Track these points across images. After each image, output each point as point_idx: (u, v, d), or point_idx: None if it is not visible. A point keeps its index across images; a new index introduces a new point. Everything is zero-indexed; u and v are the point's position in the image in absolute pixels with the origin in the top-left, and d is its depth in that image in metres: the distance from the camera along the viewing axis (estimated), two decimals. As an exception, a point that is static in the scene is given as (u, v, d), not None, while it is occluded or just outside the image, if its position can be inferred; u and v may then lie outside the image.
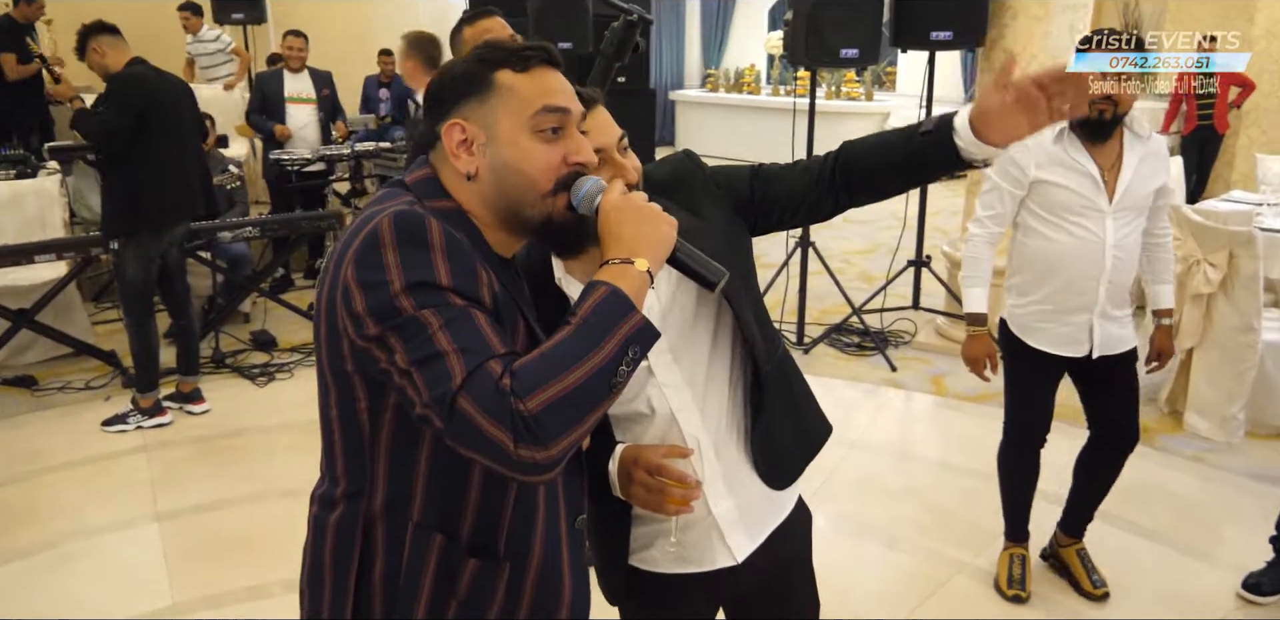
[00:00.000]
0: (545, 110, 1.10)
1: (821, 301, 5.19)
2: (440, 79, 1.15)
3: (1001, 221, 2.54)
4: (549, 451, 0.96)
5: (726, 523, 1.43)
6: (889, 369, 4.44)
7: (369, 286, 1.01)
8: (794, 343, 4.75)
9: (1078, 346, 2.49)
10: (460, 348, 0.98)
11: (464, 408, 0.95)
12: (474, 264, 1.04)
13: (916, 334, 4.83)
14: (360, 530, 1.12)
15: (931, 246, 5.21)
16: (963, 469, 3.47)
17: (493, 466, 0.97)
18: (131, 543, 3.06)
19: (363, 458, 1.11)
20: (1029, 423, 2.64)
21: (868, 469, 3.50)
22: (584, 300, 1.03)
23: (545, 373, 0.97)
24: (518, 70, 1.11)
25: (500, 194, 1.11)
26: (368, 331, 1.01)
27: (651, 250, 1.09)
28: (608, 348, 1.00)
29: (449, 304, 1.00)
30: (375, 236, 1.02)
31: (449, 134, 1.11)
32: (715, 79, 11.23)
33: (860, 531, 3.09)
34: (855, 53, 4.22)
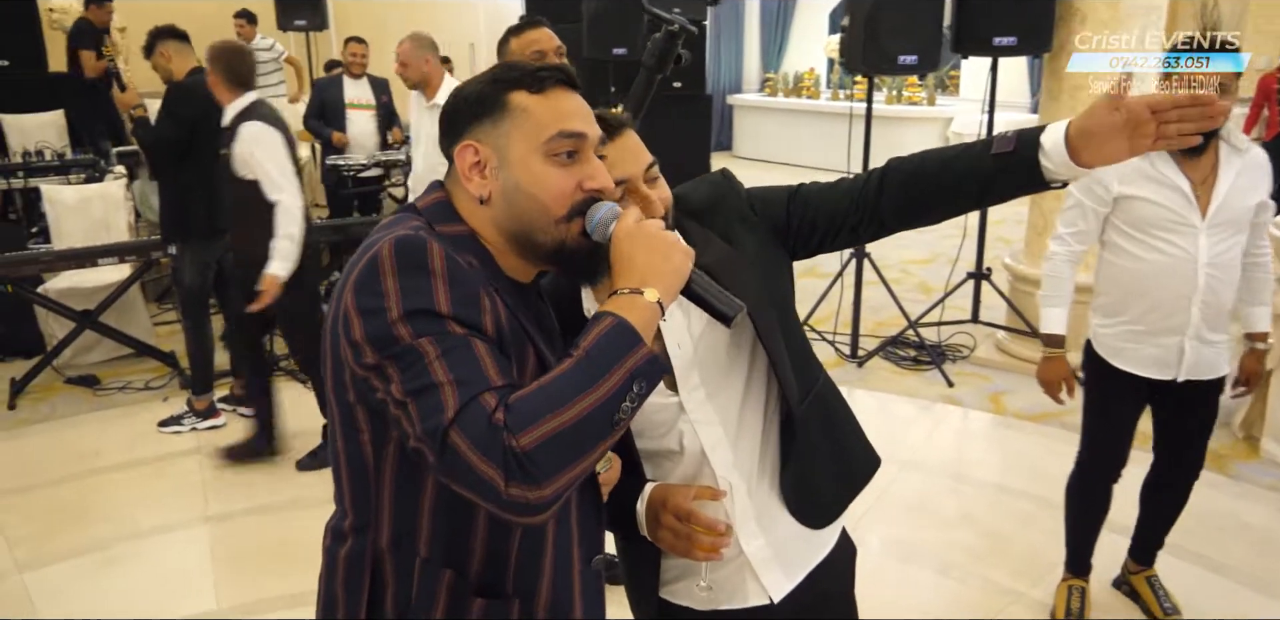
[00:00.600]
0: (560, 135, 1.06)
1: (877, 313, 5.08)
2: (454, 99, 1.11)
3: (1084, 239, 2.43)
4: (541, 491, 0.91)
5: (759, 561, 1.37)
6: (946, 385, 4.31)
7: (367, 313, 0.98)
8: (847, 355, 4.65)
9: (1166, 369, 2.37)
10: (455, 379, 0.94)
11: (455, 442, 0.91)
12: (477, 290, 1.01)
13: (975, 349, 4.69)
14: (369, 565, 1.09)
15: (994, 258, 5.06)
16: (1021, 492, 3.34)
17: (484, 505, 0.93)
18: (180, 545, 3.10)
19: (368, 491, 1.09)
20: (1107, 452, 2.52)
21: (920, 490, 3.39)
22: (588, 331, 0.98)
23: (542, 407, 0.92)
24: (533, 91, 1.08)
25: (513, 218, 1.08)
26: (366, 360, 0.98)
27: (663, 280, 1.04)
28: (611, 382, 0.94)
29: (448, 332, 0.96)
30: (375, 262, 0.99)
31: (461, 156, 1.08)
32: (774, 83, 11.12)
33: (910, 556, 2.99)
34: (914, 59, 4.11)
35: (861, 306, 4.71)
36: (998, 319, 4.79)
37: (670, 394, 1.30)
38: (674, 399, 1.31)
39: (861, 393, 4.28)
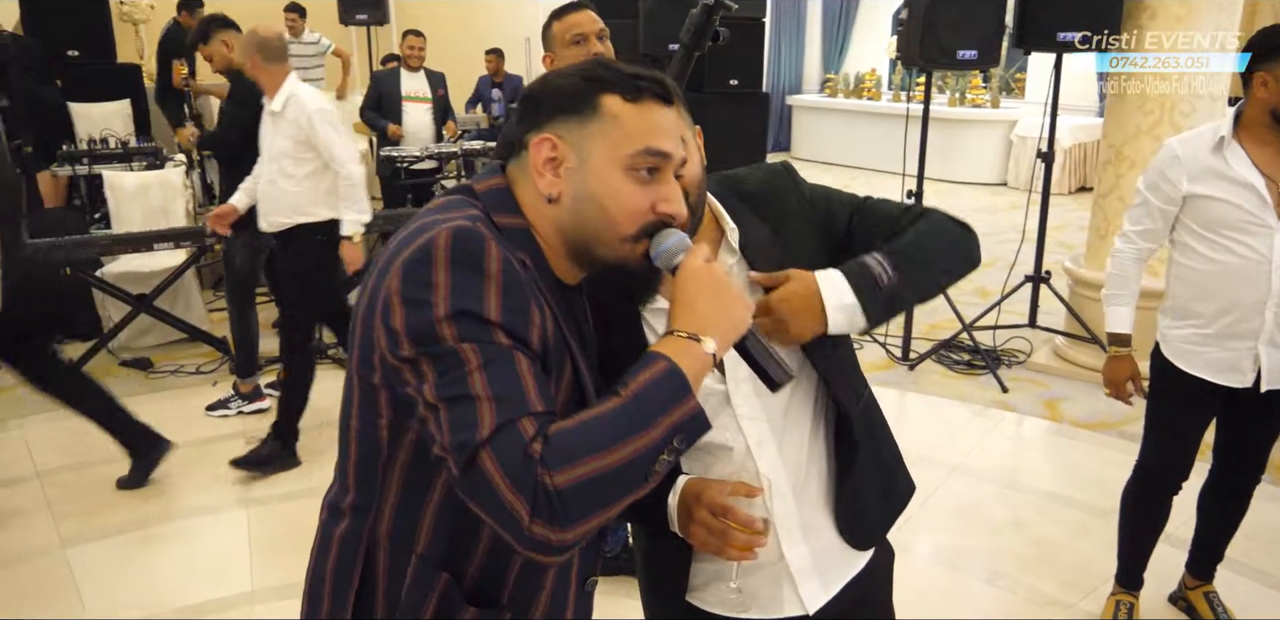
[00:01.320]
0: (647, 151, 1.01)
1: (931, 316, 4.96)
2: (542, 86, 1.06)
3: (1151, 238, 2.32)
4: (564, 534, 0.87)
5: (799, 570, 1.30)
6: (1000, 390, 4.19)
7: (412, 303, 0.93)
8: (898, 358, 4.55)
9: (1239, 375, 2.23)
10: (495, 395, 0.90)
11: (484, 464, 0.87)
12: (529, 301, 0.96)
13: (1032, 354, 4.55)
14: (363, 551, 1.05)
15: (1054, 262, 4.91)
16: (1073, 501, 3.22)
17: (501, 533, 0.89)
18: (219, 527, 3.13)
19: (374, 475, 1.04)
20: (1169, 461, 2.40)
21: (970, 496, 3.29)
22: (639, 371, 0.94)
23: (583, 447, 0.88)
24: (627, 99, 1.02)
25: (577, 225, 1.03)
26: (401, 351, 0.93)
27: (723, 332, 1.00)
28: (654, 432, 0.90)
29: (493, 342, 0.92)
30: (429, 250, 0.94)
31: (538, 148, 1.03)
32: (834, 84, 10.98)
33: (957, 563, 2.89)
34: (973, 54, 3.99)
35: (914, 309, 4.60)
36: (1056, 324, 4.64)
37: (719, 378, 1.25)
38: (722, 387, 1.25)
39: (913, 396, 4.17)
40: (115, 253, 4.42)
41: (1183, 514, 2.75)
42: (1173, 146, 2.23)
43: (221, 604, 2.71)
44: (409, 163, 5.60)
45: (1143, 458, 2.46)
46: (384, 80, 5.85)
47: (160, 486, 3.38)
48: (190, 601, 2.71)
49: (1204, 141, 2.18)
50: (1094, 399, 4.07)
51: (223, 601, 2.72)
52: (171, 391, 4.24)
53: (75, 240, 4.25)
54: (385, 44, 7.54)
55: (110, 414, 3.36)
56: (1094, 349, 4.24)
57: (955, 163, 9.27)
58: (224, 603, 2.72)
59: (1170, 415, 2.38)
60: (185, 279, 4.66)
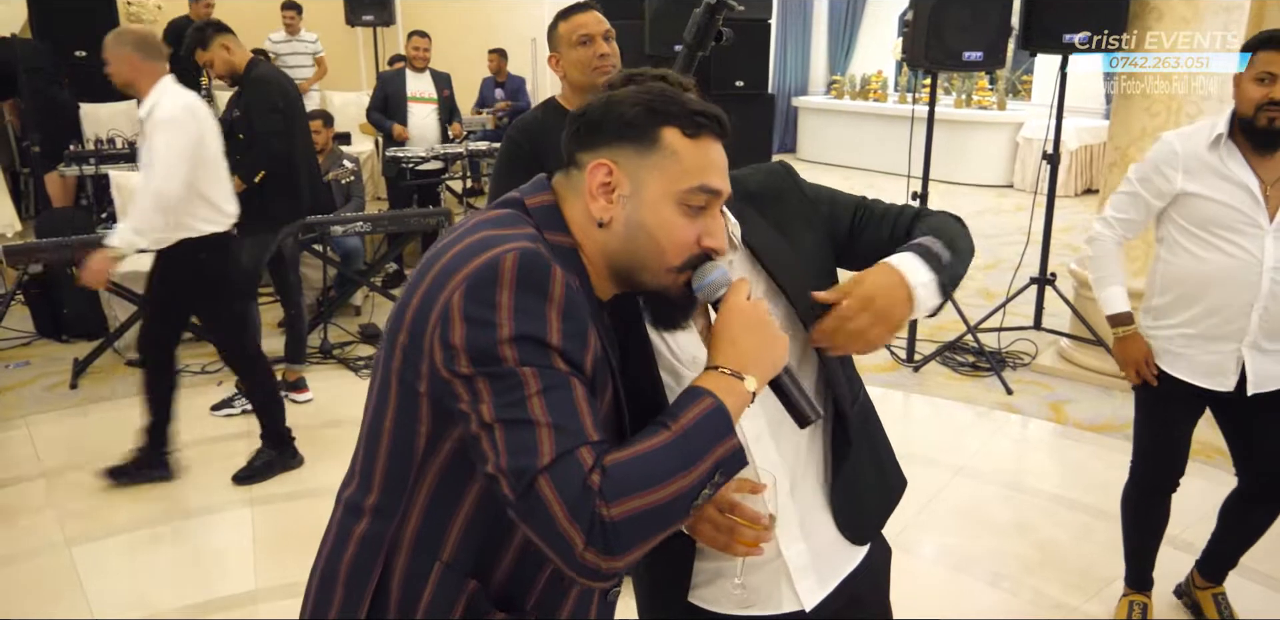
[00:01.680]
0: (701, 189, 1.05)
1: (937, 317, 4.94)
2: (605, 109, 1.07)
3: (1131, 228, 2.33)
4: (614, 562, 0.91)
5: (796, 567, 1.31)
6: (1004, 392, 4.18)
7: (474, 323, 0.94)
8: (903, 360, 4.54)
9: (1222, 378, 2.22)
10: (555, 423, 0.92)
11: (543, 491, 0.90)
12: (587, 326, 0.99)
13: (1037, 356, 4.54)
14: (383, 554, 1.06)
15: (1059, 264, 4.90)
16: (1078, 504, 3.21)
17: (551, 556, 0.92)
18: (223, 526, 3.14)
19: (405, 480, 1.05)
20: (1160, 464, 2.39)
21: (974, 497, 3.28)
22: (687, 406, 0.97)
23: (637, 482, 0.91)
24: (687, 134, 1.05)
25: (625, 252, 1.06)
26: (458, 368, 0.95)
27: (762, 370, 1.05)
28: (701, 469, 0.94)
29: (553, 367, 0.94)
30: (495, 270, 0.95)
31: (594, 172, 1.05)
32: (840, 86, 10.98)
33: (960, 565, 2.89)
34: (979, 55, 3.99)
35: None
36: (1061, 326, 4.63)
37: None
38: None
39: (917, 397, 4.17)
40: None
41: (1189, 516, 2.75)
42: (1170, 141, 2.22)
43: (225, 603, 2.72)
44: (414, 163, 5.62)
45: (1134, 461, 2.45)
46: (390, 81, 5.86)
47: (165, 486, 3.39)
48: (194, 600, 2.72)
49: (1201, 138, 2.17)
50: (1099, 401, 4.06)
51: (226, 600, 2.73)
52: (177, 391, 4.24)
53: (80, 240, 4.27)
54: (392, 45, 7.56)
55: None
56: (1099, 351, 4.23)
57: (961, 165, 9.26)
58: (228, 601, 2.72)
59: (1157, 416, 2.37)
60: (191, 279, 4.66)
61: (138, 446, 3.38)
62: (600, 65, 2.27)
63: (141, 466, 3.38)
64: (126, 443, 3.69)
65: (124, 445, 3.68)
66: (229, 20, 3.99)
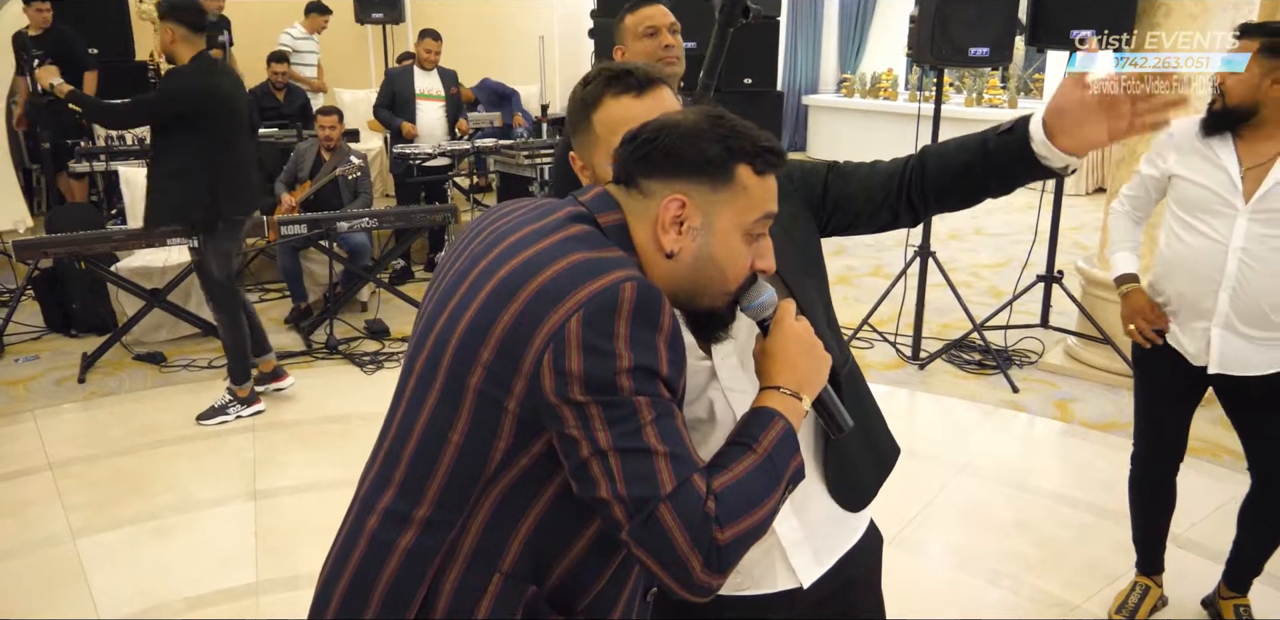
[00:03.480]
0: (765, 217, 1.11)
1: (943, 315, 4.93)
2: (682, 141, 1.08)
3: (1139, 205, 2.42)
4: (721, 578, 0.96)
5: (790, 543, 1.32)
6: (1010, 390, 4.16)
7: (594, 352, 0.96)
8: (908, 357, 4.52)
9: (1199, 355, 2.27)
10: (670, 452, 0.96)
11: (665, 518, 0.94)
12: (684, 352, 1.03)
13: (1044, 354, 4.51)
14: (434, 568, 1.04)
15: (1067, 262, 4.87)
16: (1081, 503, 3.19)
17: (662, 578, 0.96)
18: (227, 519, 3.16)
19: (470, 493, 1.04)
20: (1156, 444, 2.42)
21: (976, 496, 3.27)
22: (765, 428, 1.04)
23: (744, 505, 0.98)
24: (758, 171, 1.10)
25: (693, 281, 1.10)
26: (571, 394, 0.96)
27: (814, 389, 1.12)
28: (782, 486, 1.02)
29: (661, 396, 0.98)
30: (615, 300, 0.98)
31: (667, 207, 1.07)
32: (850, 84, 10.94)
33: (960, 563, 2.88)
34: (985, 51, 3.96)
35: (925, 308, 4.58)
36: (1068, 325, 4.60)
37: (703, 356, 1.26)
38: (706, 363, 1.27)
39: (923, 395, 4.15)
40: (129, 247, 4.46)
41: (1194, 514, 2.74)
42: (1174, 124, 2.29)
43: (228, 595, 2.73)
44: (422, 160, 5.63)
45: (1135, 444, 2.49)
46: (398, 78, 5.87)
47: (170, 479, 3.41)
48: (197, 592, 2.74)
49: (1198, 123, 2.24)
50: (1105, 400, 4.04)
51: (229, 592, 2.74)
52: (184, 385, 4.28)
53: (88, 235, 4.30)
54: (401, 42, 7.58)
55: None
56: (1106, 349, 4.20)
57: (972, 163, 9.21)
58: (230, 593, 2.74)
59: (1153, 399, 2.41)
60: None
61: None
62: (665, 57, 2.28)
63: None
64: (133, 436, 3.74)
65: (130, 439, 3.72)
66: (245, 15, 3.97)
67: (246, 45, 6.94)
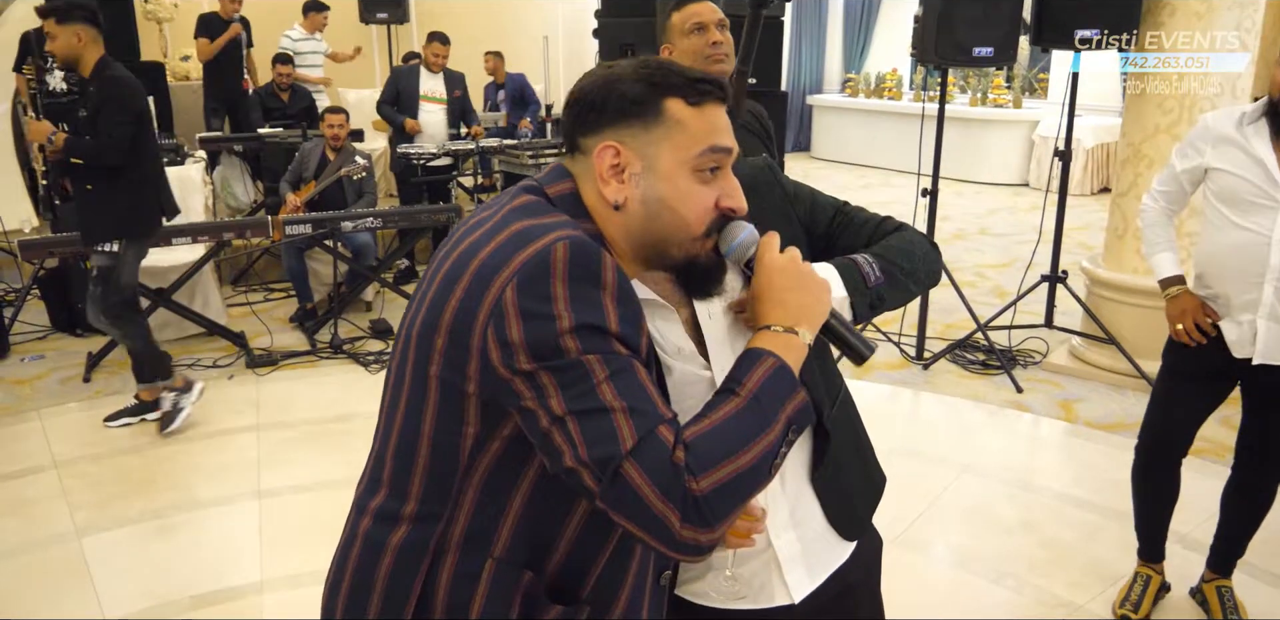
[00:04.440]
0: (711, 150, 1.04)
1: (948, 315, 4.92)
2: (604, 90, 1.06)
3: (1171, 199, 2.41)
4: (713, 533, 0.91)
5: (786, 557, 1.30)
6: (1015, 390, 4.15)
7: (531, 317, 0.92)
8: (912, 357, 4.52)
9: (1242, 347, 2.26)
10: (629, 406, 0.91)
11: (631, 476, 0.89)
12: (639, 308, 0.98)
13: (1048, 354, 4.51)
14: (427, 560, 1.03)
15: (1072, 262, 4.87)
16: (1085, 503, 3.18)
17: (648, 541, 0.91)
18: (231, 518, 3.16)
19: (450, 483, 1.02)
20: (1164, 431, 2.42)
21: (980, 496, 3.26)
22: (750, 369, 0.98)
23: (720, 451, 0.92)
24: (690, 103, 1.04)
25: (648, 230, 1.05)
26: (518, 364, 0.93)
27: (813, 321, 1.05)
28: (777, 428, 0.95)
29: (615, 353, 0.93)
30: (547, 262, 0.94)
31: (601, 156, 1.04)
32: (855, 84, 10.94)
33: (963, 563, 2.87)
34: (989, 51, 3.96)
35: (930, 308, 4.57)
36: (1073, 325, 4.59)
37: (704, 365, 1.24)
38: (707, 373, 1.24)
39: (927, 395, 4.15)
40: (135, 247, 4.46)
41: (1199, 514, 2.74)
42: (1206, 119, 2.33)
43: (231, 593, 2.74)
44: (426, 160, 5.64)
45: (1142, 430, 2.49)
46: (403, 76, 5.88)
47: (175, 478, 3.42)
48: (200, 590, 2.74)
49: (1233, 116, 2.25)
50: (1110, 400, 4.03)
51: (232, 591, 2.75)
52: (189, 385, 4.28)
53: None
54: (405, 42, 7.59)
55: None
56: (1110, 350, 4.19)
57: (976, 163, 9.21)
58: (233, 592, 2.74)
59: (1173, 387, 2.41)
60: (203, 274, 4.70)
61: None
62: (713, 53, 2.25)
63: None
64: (137, 435, 3.75)
65: (135, 437, 3.73)
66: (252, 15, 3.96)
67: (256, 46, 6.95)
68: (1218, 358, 2.30)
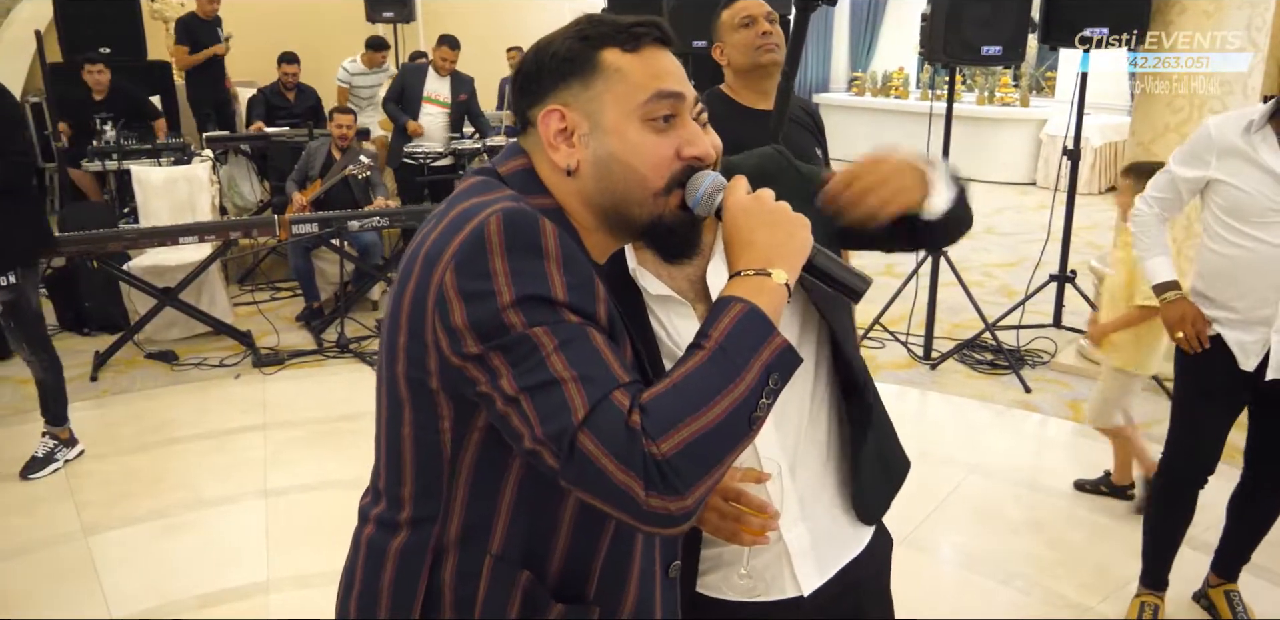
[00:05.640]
0: (659, 96, 0.97)
1: (955, 315, 4.91)
2: (536, 56, 1.01)
3: (1167, 206, 2.35)
4: (684, 501, 0.83)
5: (796, 550, 1.29)
6: (1023, 390, 4.13)
7: (472, 297, 0.88)
8: (920, 357, 4.50)
9: (1251, 358, 2.22)
10: (580, 375, 0.85)
11: (586, 447, 0.83)
12: (591, 275, 0.92)
13: (1056, 354, 4.49)
14: (429, 560, 1.00)
15: (1081, 261, 4.85)
16: (1095, 504, 3.17)
17: (617, 516, 0.85)
18: (237, 517, 3.16)
19: (439, 483, 0.99)
20: (1193, 452, 2.36)
21: (988, 496, 3.25)
22: (717, 319, 0.89)
23: (680, 409, 0.84)
24: (627, 50, 0.98)
25: (604, 191, 0.98)
26: (467, 349, 0.88)
27: (789, 260, 0.95)
28: (748, 378, 0.86)
29: (564, 322, 0.87)
30: (481, 238, 0.89)
31: (545, 122, 0.99)
32: (861, 83, 10.91)
33: (971, 564, 2.86)
34: (998, 50, 3.95)
35: (937, 307, 4.56)
36: (1081, 324, 4.57)
37: None
38: None
39: (934, 395, 4.13)
40: (140, 246, 4.48)
41: (1211, 516, 2.71)
42: (1208, 125, 2.25)
43: (237, 593, 2.74)
44: (430, 159, 5.64)
45: (1166, 452, 2.43)
46: (410, 75, 5.88)
47: (181, 477, 3.42)
48: (207, 590, 2.74)
49: (1239, 123, 2.19)
50: (1118, 400, 4.01)
51: (239, 590, 2.75)
52: (195, 384, 4.29)
53: (98, 234, 4.31)
54: (411, 41, 7.59)
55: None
56: (1119, 350, 4.17)
57: (983, 162, 9.17)
58: (240, 591, 2.74)
59: (1195, 407, 2.35)
60: (210, 273, 4.70)
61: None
62: (764, 44, 2.25)
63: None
64: (145, 434, 3.75)
65: (142, 436, 3.73)
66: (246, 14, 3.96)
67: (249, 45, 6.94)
68: (1231, 370, 2.25)
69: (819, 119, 2.58)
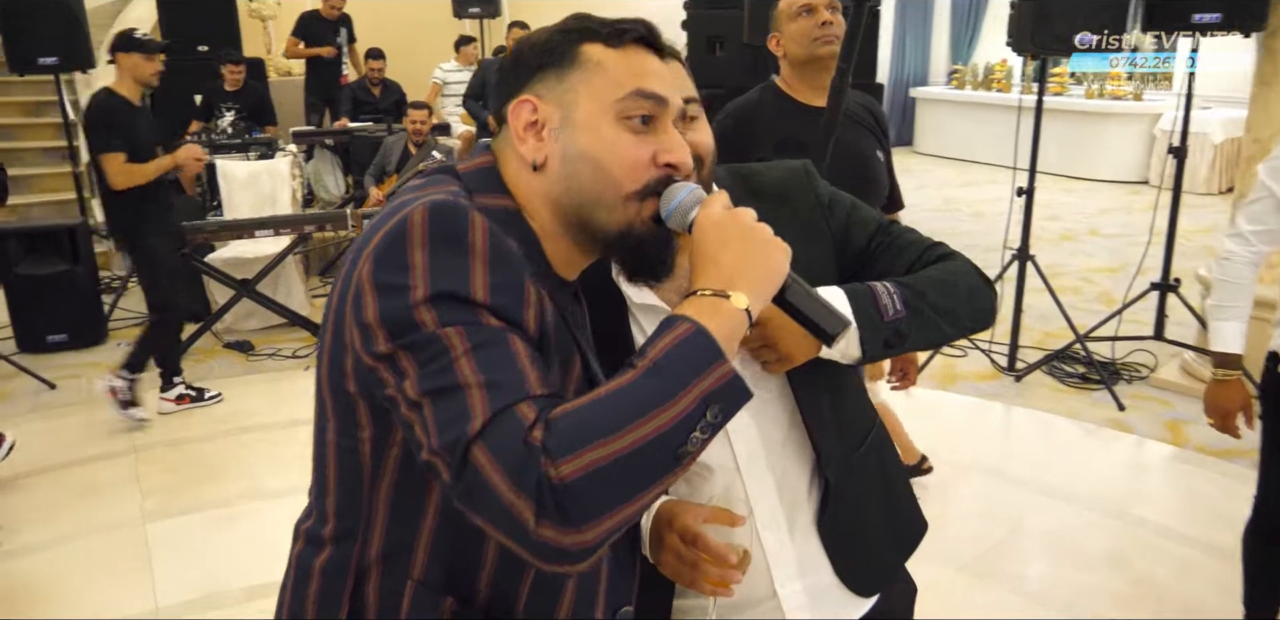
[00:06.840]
0: (637, 94, 0.90)
1: (1046, 323, 4.63)
2: (516, 50, 0.97)
3: (1270, 240, 2.02)
4: (581, 535, 0.73)
5: (792, 608, 1.16)
6: (1116, 407, 3.85)
7: (385, 290, 0.81)
8: (1004, 368, 4.25)
9: None
10: (486, 381, 0.76)
11: (478, 460, 0.74)
12: (521, 277, 0.84)
13: (1156, 369, 4.17)
14: (351, 579, 0.94)
15: (1187, 268, 4.50)
16: (1186, 537, 2.91)
17: (506, 543, 0.75)
18: (293, 511, 3.14)
19: (359, 497, 0.93)
20: None
21: (1063, 523, 3.02)
22: (659, 337, 0.80)
23: (592, 428, 0.74)
24: (610, 45, 0.93)
25: (572, 190, 0.91)
26: (377, 347, 0.81)
27: (754, 284, 0.86)
28: (681, 404, 0.76)
29: (480, 324, 0.79)
30: (403, 230, 0.82)
31: (516, 113, 0.92)
32: (961, 75, 10.49)
33: (1036, 597, 2.64)
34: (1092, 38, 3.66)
35: (1025, 314, 4.29)
36: (1185, 337, 4.24)
37: None
38: None
39: (1018, 410, 3.89)
40: (223, 238, 4.59)
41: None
42: None
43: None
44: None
45: (1260, 493, 2.18)
46: (489, 69, 5.88)
47: (244, 467, 3.48)
48: (254, 582, 2.76)
49: None
50: (1223, 421, 3.70)
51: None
52: (268, 374, 4.38)
53: (185, 226, 4.43)
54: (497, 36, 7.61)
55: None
56: (1226, 366, 3.85)
57: (1091, 159, 8.69)
58: (285, 586, 2.75)
59: None
60: (287, 266, 4.79)
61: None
62: (823, 34, 2.14)
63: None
64: (216, 422, 3.83)
65: (213, 425, 3.82)
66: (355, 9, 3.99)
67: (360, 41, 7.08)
68: None
69: (882, 118, 2.42)
